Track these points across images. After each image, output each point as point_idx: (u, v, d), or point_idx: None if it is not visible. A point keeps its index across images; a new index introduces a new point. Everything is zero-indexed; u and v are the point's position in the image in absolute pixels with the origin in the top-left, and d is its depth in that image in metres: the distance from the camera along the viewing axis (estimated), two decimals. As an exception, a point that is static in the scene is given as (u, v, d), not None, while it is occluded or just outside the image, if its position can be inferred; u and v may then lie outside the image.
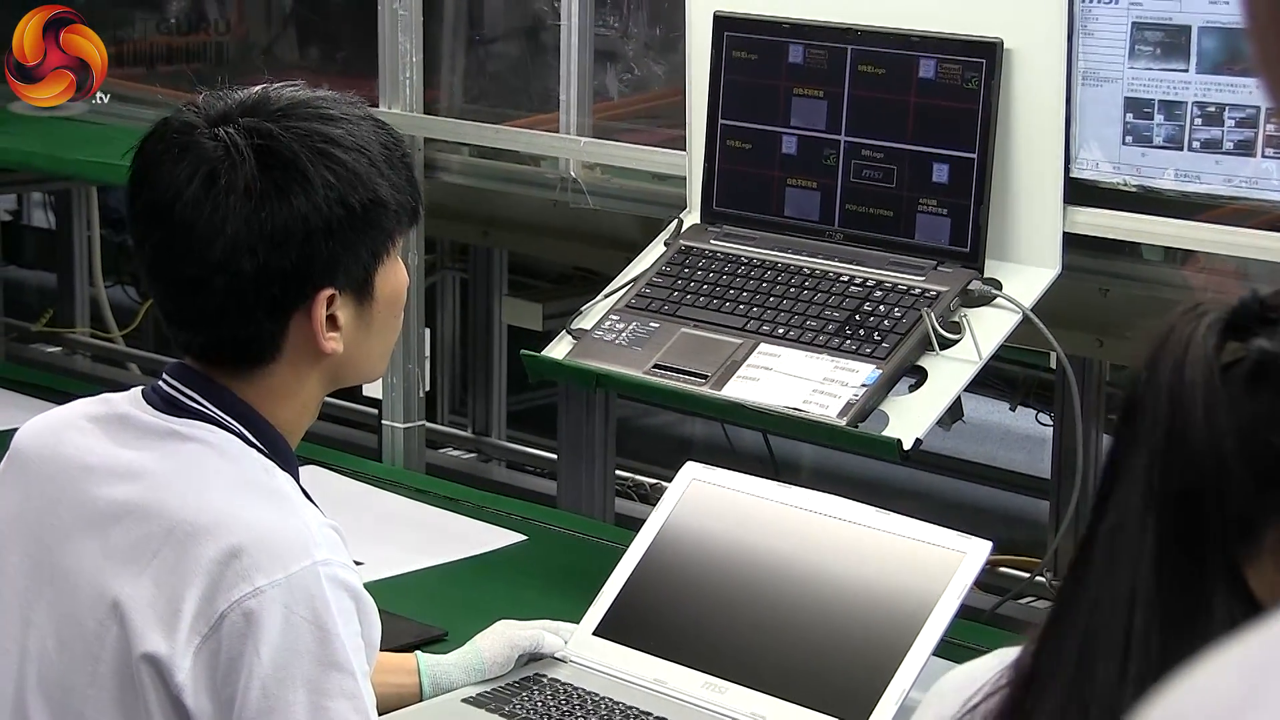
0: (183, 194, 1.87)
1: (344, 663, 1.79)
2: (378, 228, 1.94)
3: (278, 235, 1.87)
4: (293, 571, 1.79)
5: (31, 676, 1.88)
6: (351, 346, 1.95)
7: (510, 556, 3.11)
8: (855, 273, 2.87)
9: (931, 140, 2.83)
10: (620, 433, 4.37)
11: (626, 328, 2.93)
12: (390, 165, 1.95)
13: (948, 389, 2.71)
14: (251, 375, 1.93)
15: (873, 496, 4.84)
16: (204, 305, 1.90)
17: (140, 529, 1.85)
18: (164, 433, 1.90)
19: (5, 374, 4.10)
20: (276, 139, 1.89)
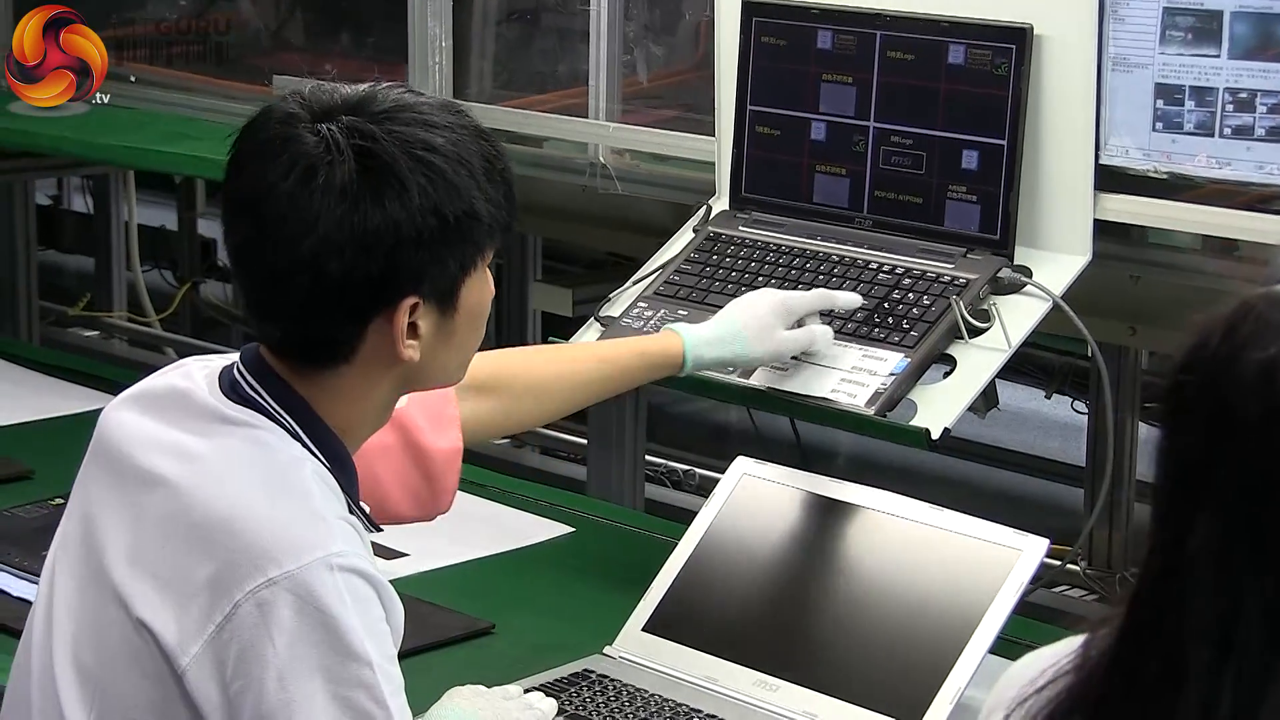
0: (278, 186, 1.85)
1: (359, 653, 1.79)
2: (469, 240, 1.92)
3: (367, 239, 1.85)
4: (305, 563, 1.79)
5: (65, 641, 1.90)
6: (429, 355, 1.93)
7: (557, 549, 3.08)
8: (884, 260, 2.85)
9: (961, 127, 2.81)
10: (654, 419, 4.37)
11: (654, 314, 2.92)
12: (489, 179, 1.92)
13: (976, 378, 2.69)
14: (321, 374, 1.92)
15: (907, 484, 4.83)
16: (286, 301, 1.88)
17: (167, 506, 1.87)
18: (216, 416, 1.91)
19: (43, 358, 4.11)
20: (379, 141, 1.86)
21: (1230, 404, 1.33)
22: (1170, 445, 1.38)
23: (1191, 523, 1.35)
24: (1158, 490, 1.40)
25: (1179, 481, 1.37)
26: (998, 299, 2.75)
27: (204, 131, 3.82)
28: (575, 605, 2.83)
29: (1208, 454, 1.35)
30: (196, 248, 5.73)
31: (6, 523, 3.00)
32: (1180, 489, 1.37)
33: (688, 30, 3.42)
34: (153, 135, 3.88)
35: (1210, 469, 1.35)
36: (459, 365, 2.01)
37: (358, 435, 1.97)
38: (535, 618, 2.78)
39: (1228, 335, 1.35)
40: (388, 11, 3.68)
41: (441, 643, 2.67)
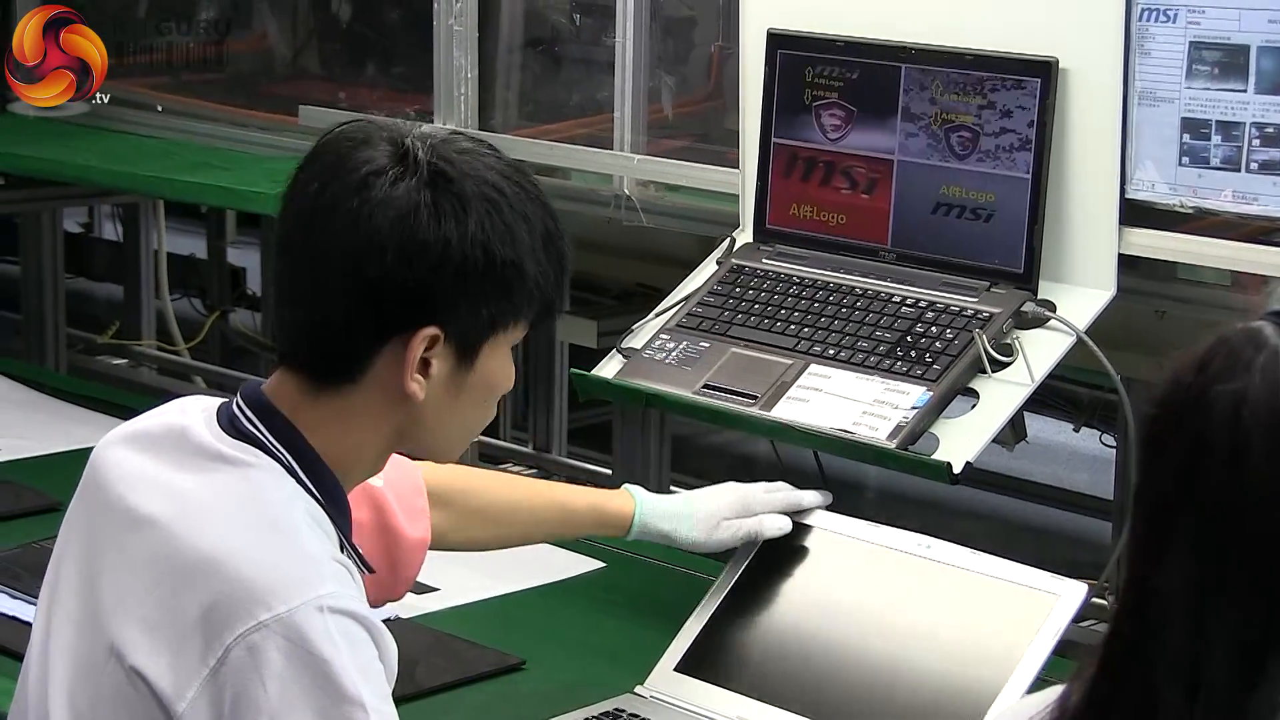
0: (345, 178, 1.85)
1: (352, 695, 1.77)
2: (508, 295, 1.89)
3: (412, 249, 1.83)
4: (294, 605, 1.77)
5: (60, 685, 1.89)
6: (431, 408, 1.90)
7: (588, 584, 3.05)
8: (907, 293, 2.84)
9: (986, 160, 2.80)
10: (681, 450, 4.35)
11: (677, 347, 2.92)
12: (545, 250, 1.91)
13: (999, 412, 2.68)
14: (324, 396, 1.90)
15: (935, 517, 4.83)
16: (318, 291, 1.86)
17: (156, 547, 1.85)
18: (210, 454, 1.89)
19: (70, 387, 4.12)
20: (454, 165, 1.86)
21: (1201, 439, 1.33)
22: (1144, 482, 1.38)
23: (1162, 561, 1.35)
24: (1131, 528, 1.40)
25: (1151, 519, 1.37)
26: (1021, 333, 2.74)
27: (229, 161, 3.83)
28: (607, 642, 2.81)
29: (1179, 491, 1.35)
30: (226, 276, 5.74)
31: (35, 556, 2.99)
32: (1152, 526, 1.37)
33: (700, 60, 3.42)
34: (179, 165, 3.89)
35: (1181, 506, 1.35)
36: (456, 437, 1.97)
37: (351, 477, 1.94)
38: (566, 654, 2.76)
39: (1200, 370, 1.35)
40: (413, 41, 3.68)
41: (472, 679, 2.65)
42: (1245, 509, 1.32)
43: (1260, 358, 1.33)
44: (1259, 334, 1.35)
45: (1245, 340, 1.35)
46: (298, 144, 3.86)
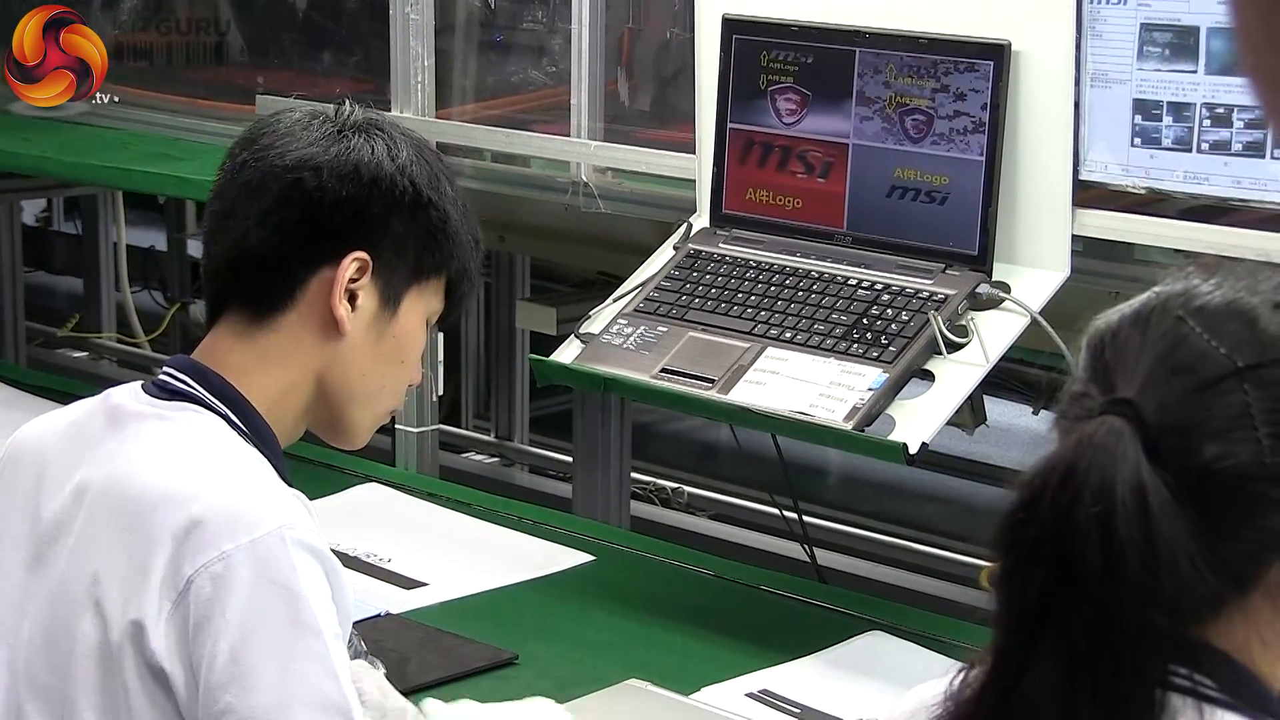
0: (285, 119, 1.96)
1: (312, 625, 1.77)
2: (433, 238, 1.95)
3: (346, 168, 1.91)
4: (257, 536, 1.77)
5: (22, 667, 1.88)
6: (352, 346, 1.93)
7: (579, 577, 3.05)
8: (863, 276, 2.86)
9: (940, 143, 2.81)
10: (643, 437, 4.36)
11: (634, 332, 2.92)
12: (466, 213, 2.00)
13: (955, 393, 2.69)
14: (254, 332, 1.92)
15: (896, 501, 4.85)
16: (252, 209, 1.91)
17: (110, 504, 1.85)
18: (146, 416, 1.90)
19: (30, 380, 4.11)
20: (383, 121, 1.99)
21: (1070, 561, 1.31)
22: (1009, 586, 1.35)
23: (1030, 661, 1.33)
24: (996, 625, 1.36)
25: (1018, 622, 1.34)
26: (976, 315, 2.75)
27: (187, 151, 3.83)
28: (599, 635, 2.81)
29: (1048, 597, 1.32)
30: (186, 268, 5.74)
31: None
32: (1020, 629, 1.34)
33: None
34: (136, 155, 3.88)
35: (1050, 610, 1.32)
36: (371, 398, 1.98)
37: (279, 426, 1.95)
38: (558, 648, 2.76)
39: (1061, 488, 1.32)
40: (370, 30, 3.68)
41: (464, 674, 2.65)
42: (1116, 614, 1.30)
43: (1123, 470, 1.30)
44: (1119, 441, 1.32)
45: (1106, 452, 1.31)
46: (255, 134, 3.86)
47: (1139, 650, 1.31)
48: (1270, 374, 1.34)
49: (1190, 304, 1.38)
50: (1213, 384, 1.34)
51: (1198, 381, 1.34)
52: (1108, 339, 1.40)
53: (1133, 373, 1.36)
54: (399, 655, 2.64)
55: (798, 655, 2.71)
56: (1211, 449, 1.32)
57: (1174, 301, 1.38)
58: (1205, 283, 1.39)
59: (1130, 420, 1.33)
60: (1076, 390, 1.39)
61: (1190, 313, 1.37)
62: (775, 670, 2.67)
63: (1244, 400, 1.33)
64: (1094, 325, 1.43)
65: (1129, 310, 1.41)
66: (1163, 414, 1.33)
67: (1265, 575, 1.35)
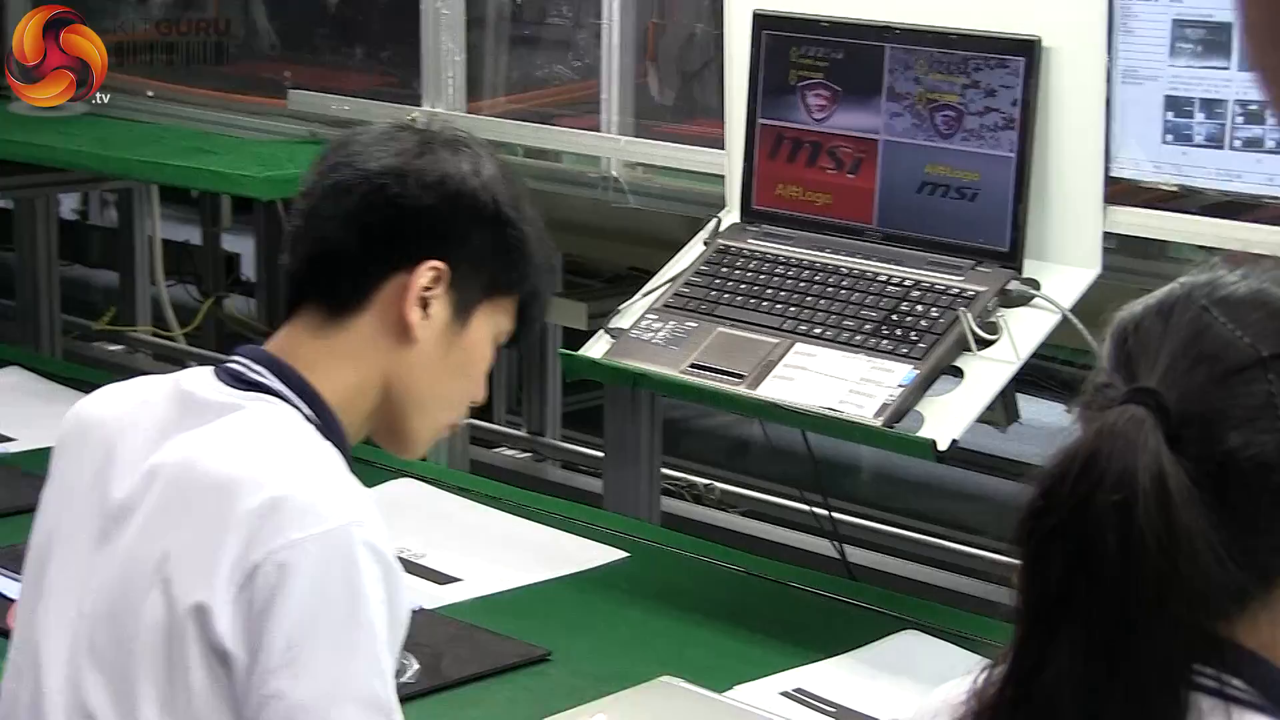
0: (373, 129, 2.00)
1: (368, 624, 1.78)
2: (508, 256, 1.97)
3: (429, 178, 1.93)
4: (329, 528, 1.78)
5: (84, 639, 1.89)
6: (422, 356, 1.95)
7: (613, 574, 3.04)
8: (893, 272, 2.85)
9: (970, 139, 2.81)
10: (675, 433, 4.36)
11: (664, 327, 2.92)
12: (542, 236, 2.01)
13: (984, 390, 2.68)
14: (328, 330, 1.94)
15: (927, 498, 4.84)
16: (337, 211, 1.94)
17: (185, 486, 1.85)
18: (223, 406, 1.91)
19: (66, 372, 4.12)
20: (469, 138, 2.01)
21: (1089, 546, 1.31)
22: (1029, 577, 1.35)
23: (1050, 651, 1.33)
24: (1016, 618, 1.37)
25: (1038, 612, 1.35)
26: (1006, 311, 2.74)
27: (220, 145, 3.84)
28: (632, 632, 2.80)
29: (1067, 587, 1.32)
30: (220, 262, 5.76)
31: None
32: (1039, 619, 1.34)
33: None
34: (170, 150, 3.89)
35: (1069, 600, 1.32)
36: (434, 408, 2.00)
37: (347, 424, 1.96)
38: (592, 645, 2.75)
39: (1082, 476, 1.32)
40: (401, 26, 3.69)
41: (497, 670, 2.64)
42: (1137, 605, 1.30)
43: (1144, 458, 1.30)
44: (1140, 429, 1.31)
45: (1127, 441, 1.31)
46: (287, 128, 3.87)
47: (1159, 641, 1.31)
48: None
49: (1215, 294, 1.37)
50: (1236, 373, 1.33)
51: (1221, 370, 1.33)
52: (1131, 329, 1.39)
53: (1155, 362, 1.35)
54: (432, 650, 2.64)
55: (832, 653, 2.71)
56: (1234, 438, 1.32)
57: (1198, 292, 1.38)
58: (1230, 274, 1.39)
59: (1152, 409, 1.32)
60: (1100, 380, 1.39)
61: (1214, 302, 1.36)
62: (809, 669, 2.67)
63: (1267, 390, 1.32)
64: (1118, 316, 1.42)
65: (1153, 301, 1.40)
66: (1185, 403, 1.33)
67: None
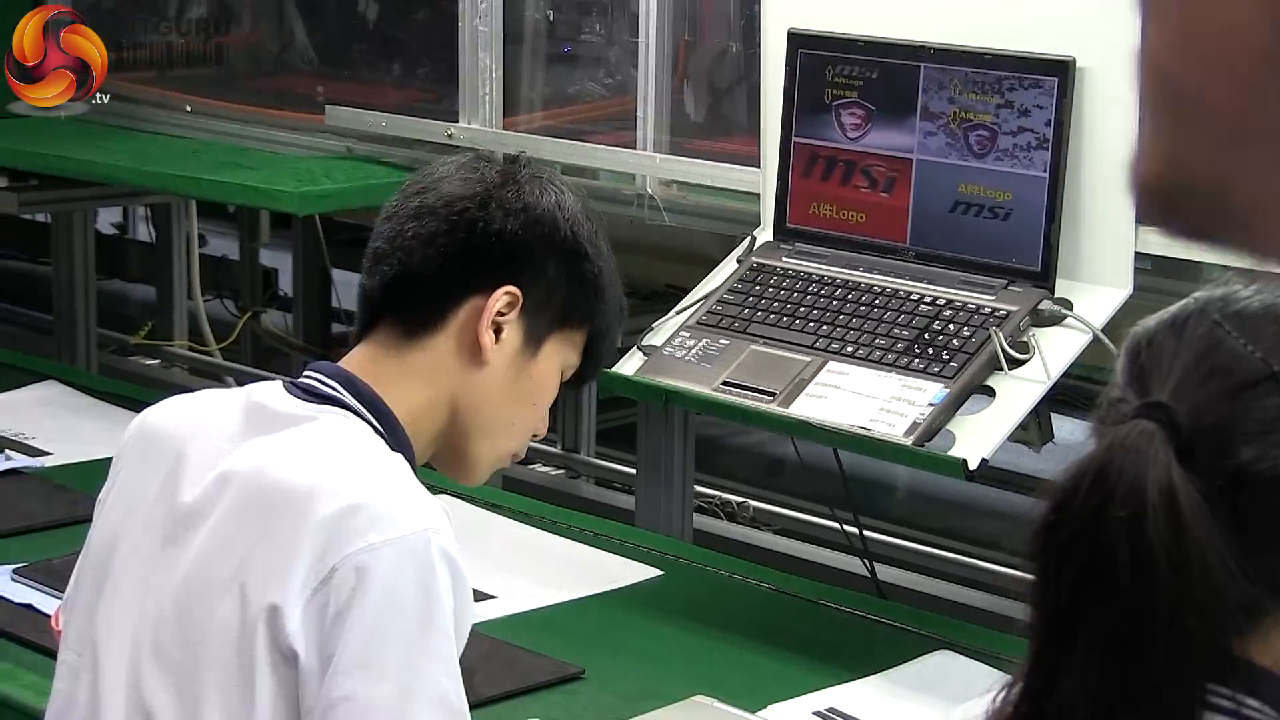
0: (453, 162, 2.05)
1: (443, 627, 1.81)
2: (581, 289, 2.01)
3: (511, 205, 1.98)
4: (406, 534, 1.80)
5: (148, 639, 1.91)
6: (492, 379, 1.98)
7: (646, 592, 3.05)
8: (925, 291, 2.86)
9: (1004, 158, 2.81)
10: (709, 451, 4.35)
11: (696, 344, 2.93)
12: (614, 275, 2.06)
13: (1016, 409, 2.69)
14: (403, 348, 1.97)
15: (961, 517, 4.83)
16: (418, 235, 1.97)
17: (261, 493, 1.88)
18: (297, 418, 1.94)
19: (103, 387, 4.14)
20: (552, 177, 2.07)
21: (1101, 562, 1.31)
22: (1043, 591, 1.36)
23: (1064, 667, 1.33)
24: (1031, 633, 1.37)
25: (1052, 626, 1.35)
26: (1038, 331, 2.74)
27: (257, 161, 3.86)
28: (666, 650, 2.80)
29: (1080, 601, 1.32)
30: (258, 277, 5.77)
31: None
32: (1053, 633, 1.34)
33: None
34: (207, 164, 3.91)
35: (1082, 615, 1.32)
36: (499, 434, 2.02)
37: (415, 443, 1.98)
38: (625, 663, 2.76)
39: (1094, 489, 1.32)
40: (439, 42, 3.70)
41: (531, 688, 2.65)
42: (1149, 620, 1.30)
43: (1154, 472, 1.30)
44: (1150, 443, 1.31)
45: (1137, 455, 1.31)
46: (324, 144, 3.89)
47: (1173, 657, 1.31)
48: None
49: (1228, 308, 1.37)
50: (1248, 387, 1.33)
51: (1233, 385, 1.33)
52: (1144, 344, 1.40)
53: (1167, 376, 1.35)
54: (465, 667, 2.61)
55: (865, 673, 2.71)
56: (1246, 453, 1.32)
57: (1211, 306, 1.38)
58: (1245, 289, 1.39)
59: (1162, 423, 1.32)
60: (1114, 395, 1.39)
61: (1227, 317, 1.37)
62: (842, 688, 2.67)
63: (1279, 404, 1.32)
64: (1132, 331, 1.43)
65: (1166, 315, 1.41)
66: (1196, 417, 1.33)
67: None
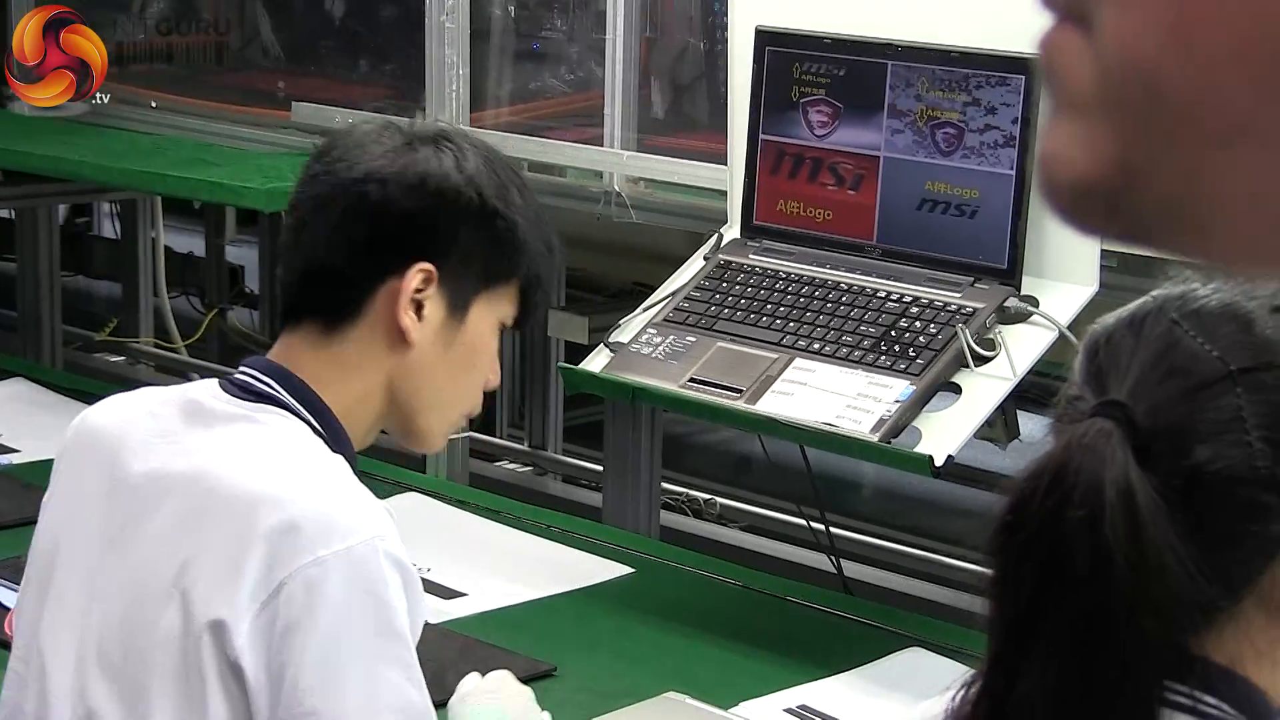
0: (356, 130, 2.01)
1: (400, 633, 1.81)
2: (499, 248, 1.97)
3: (412, 178, 1.93)
4: (352, 544, 1.80)
5: (93, 646, 1.89)
6: (422, 357, 1.96)
7: (618, 589, 3.05)
8: (892, 289, 2.86)
9: (970, 156, 2.82)
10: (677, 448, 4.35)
11: (664, 341, 2.93)
12: (537, 220, 2.01)
13: (982, 406, 2.69)
14: (328, 340, 1.95)
15: (928, 515, 4.84)
16: (323, 224, 1.95)
17: (204, 499, 1.87)
18: (234, 417, 1.92)
19: (67, 383, 4.13)
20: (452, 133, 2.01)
21: (1059, 562, 1.31)
22: (1002, 590, 1.35)
23: (1023, 666, 1.33)
24: (990, 632, 1.36)
25: (1011, 625, 1.34)
26: (1004, 328, 2.75)
27: (222, 157, 3.85)
28: (637, 647, 2.81)
29: (1039, 600, 1.32)
30: (224, 274, 5.76)
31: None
32: (1013, 633, 1.34)
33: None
34: (172, 161, 3.90)
35: (1041, 614, 1.32)
36: (444, 404, 2.01)
37: (354, 433, 1.98)
38: (597, 660, 2.76)
39: (1050, 491, 1.31)
40: (405, 38, 3.70)
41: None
42: (1107, 619, 1.30)
43: (1111, 471, 1.30)
44: (1107, 442, 1.31)
45: (1095, 454, 1.31)
46: (290, 140, 3.88)
47: (1131, 656, 1.31)
48: (1265, 378, 1.33)
49: (1186, 307, 1.37)
50: (1205, 387, 1.33)
51: (1190, 384, 1.33)
52: (1102, 342, 1.40)
53: (1125, 375, 1.35)
54: (437, 665, 2.63)
55: (836, 670, 2.72)
56: (1203, 452, 1.32)
57: (1170, 305, 1.38)
58: (1203, 287, 1.39)
59: (1120, 422, 1.32)
60: (1072, 394, 1.39)
61: (1185, 316, 1.37)
62: (814, 685, 2.68)
63: (1236, 404, 1.32)
64: (1090, 329, 1.43)
65: (1124, 314, 1.41)
66: (1154, 416, 1.33)
67: (1258, 582, 1.35)
